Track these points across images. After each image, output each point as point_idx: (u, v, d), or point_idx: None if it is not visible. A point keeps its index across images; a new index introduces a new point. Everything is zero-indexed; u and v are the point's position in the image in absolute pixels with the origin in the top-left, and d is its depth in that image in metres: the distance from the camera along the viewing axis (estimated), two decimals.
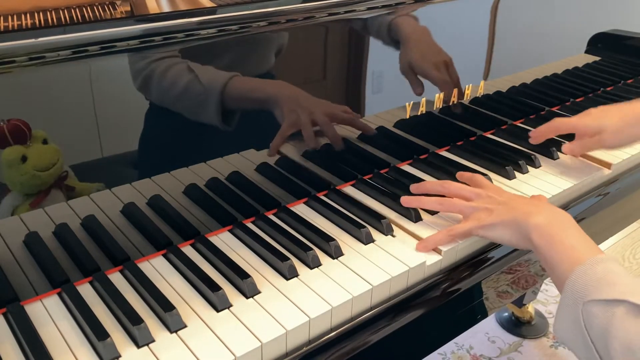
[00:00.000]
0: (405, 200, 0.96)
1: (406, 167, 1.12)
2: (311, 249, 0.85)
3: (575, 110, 1.37)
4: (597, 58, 1.46)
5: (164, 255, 0.86)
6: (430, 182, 1.01)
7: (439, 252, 0.88)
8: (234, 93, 0.86)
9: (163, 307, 0.74)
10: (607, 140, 1.07)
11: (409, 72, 1.06)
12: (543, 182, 1.08)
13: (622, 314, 0.67)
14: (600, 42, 1.43)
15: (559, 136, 1.20)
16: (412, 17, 1.02)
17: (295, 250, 0.87)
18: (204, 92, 0.84)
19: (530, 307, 1.89)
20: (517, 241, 0.86)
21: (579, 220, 1.09)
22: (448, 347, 1.80)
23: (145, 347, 0.70)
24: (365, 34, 0.98)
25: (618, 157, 1.17)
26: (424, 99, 1.10)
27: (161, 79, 0.79)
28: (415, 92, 1.08)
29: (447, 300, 0.89)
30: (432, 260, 0.87)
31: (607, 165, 1.15)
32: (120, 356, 0.69)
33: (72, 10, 0.78)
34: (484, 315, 1.04)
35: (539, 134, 1.14)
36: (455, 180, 1.01)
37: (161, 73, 0.79)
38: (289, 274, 0.82)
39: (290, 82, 0.94)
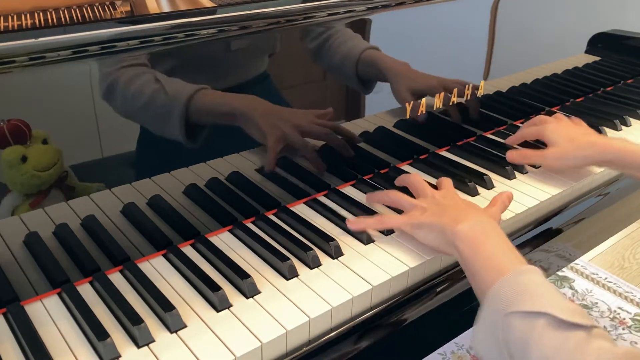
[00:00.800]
0: (368, 197, 0.99)
1: (406, 167, 1.12)
2: (311, 249, 0.85)
3: (575, 110, 1.38)
4: (597, 58, 1.46)
5: (164, 256, 0.86)
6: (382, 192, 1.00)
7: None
8: (200, 106, 0.82)
9: (163, 307, 0.74)
10: (548, 158, 1.07)
11: (410, 98, 1.07)
12: (543, 182, 1.08)
13: (541, 327, 0.65)
14: (600, 42, 1.43)
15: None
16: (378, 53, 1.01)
17: (295, 250, 0.87)
18: (168, 104, 0.81)
19: None
20: (441, 245, 0.85)
21: (579, 220, 1.09)
22: (448, 347, 1.80)
23: (146, 347, 0.70)
24: (364, 35, 0.98)
25: None
26: (423, 99, 1.10)
27: (126, 88, 0.76)
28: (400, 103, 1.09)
29: (447, 300, 0.89)
30: (431, 258, 0.87)
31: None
32: (120, 356, 0.69)
33: (72, 10, 0.78)
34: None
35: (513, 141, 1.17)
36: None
37: (126, 82, 0.76)
38: (289, 274, 0.82)
39: (290, 83, 0.94)
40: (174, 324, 0.72)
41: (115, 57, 0.75)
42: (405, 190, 0.98)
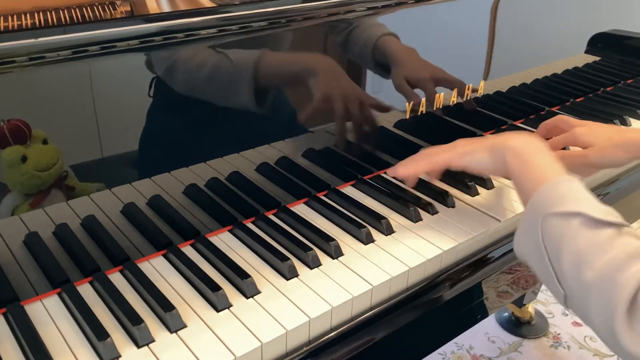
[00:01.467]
0: (391, 172, 0.98)
1: None
2: (311, 249, 0.85)
3: (575, 110, 1.38)
4: (597, 58, 1.46)
5: (164, 256, 0.86)
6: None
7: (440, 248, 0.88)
8: (268, 67, 0.86)
9: (163, 307, 0.74)
10: (590, 157, 1.05)
11: (404, 86, 1.07)
12: None
13: (577, 225, 0.71)
14: (600, 42, 1.43)
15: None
16: (394, 37, 1.02)
17: (295, 250, 0.87)
18: (235, 70, 0.84)
19: (530, 307, 1.89)
20: (494, 164, 0.88)
21: None
22: (448, 347, 1.80)
23: (145, 347, 0.70)
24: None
25: None
26: (423, 99, 1.10)
27: (187, 64, 0.79)
28: (410, 101, 1.09)
29: (447, 300, 0.89)
30: (431, 258, 0.87)
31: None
32: (120, 356, 0.69)
33: (72, 10, 0.78)
34: (484, 315, 1.04)
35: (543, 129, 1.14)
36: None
37: (187, 58, 0.80)
38: (289, 274, 0.82)
39: (289, 83, 0.94)
40: (174, 324, 0.73)
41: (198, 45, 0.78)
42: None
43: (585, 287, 0.68)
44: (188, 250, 0.87)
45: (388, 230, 0.92)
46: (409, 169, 0.95)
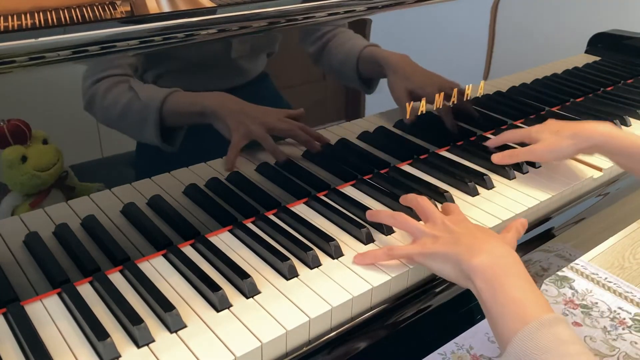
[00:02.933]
0: (369, 214, 0.93)
1: (406, 167, 1.12)
2: (311, 249, 0.85)
3: (575, 110, 1.38)
4: (597, 58, 1.46)
5: (164, 256, 0.86)
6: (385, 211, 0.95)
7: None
8: (173, 108, 0.81)
9: (163, 307, 0.74)
10: (537, 151, 1.08)
11: (405, 98, 1.07)
12: (543, 182, 1.08)
13: None
14: (600, 42, 1.43)
15: None
16: (379, 47, 1.01)
17: (295, 250, 0.87)
18: (142, 110, 0.80)
19: None
20: (457, 278, 0.80)
21: (579, 220, 1.09)
22: (448, 347, 1.80)
23: (145, 347, 0.70)
24: (364, 35, 0.98)
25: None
26: (424, 99, 1.10)
27: (103, 99, 0.76)
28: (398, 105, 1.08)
29: (447, 300, 0.89)
30: None
31: (598, 169, 1.14)
32: (120, 356, 0.69)
33: (72, 10, 0.78)
34: (484, 315, 1.04)
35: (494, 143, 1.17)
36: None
37: (104, 93, 0.76)
38: (289, 274, 0.82)
39: (289, 83, 0.94)
40: (174, 324, 0.73)
41: (101, 62, 0.75)
42: (409, 211, 0.94)
43: None
44: (188, 250, 0.87)
45: (388, 231, 0.92)
46: (366, 260, 0.85)
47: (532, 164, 1.13)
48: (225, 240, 0.90)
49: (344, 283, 0.81)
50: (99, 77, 0.75)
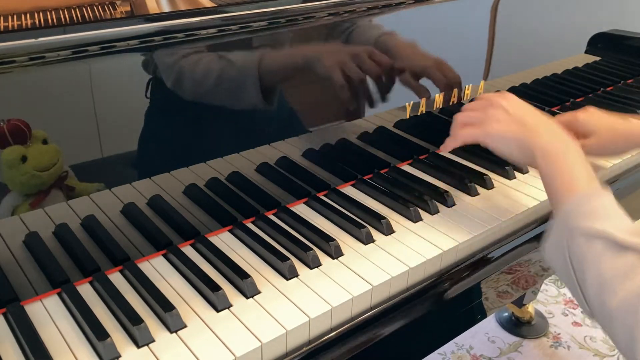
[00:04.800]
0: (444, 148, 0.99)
1: (406, 167, 1.12)
2: (311, 249, 0.85)
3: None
4: (597, 58, 1.46)
5: (164, 256, 0.86)
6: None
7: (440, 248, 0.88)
8: (270, 66, 0.87)
9: (163, 307, 0.74)
10: (590, 147, 1.03)
11: (411, 80, 1.07)
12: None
13: (601, 249, 0.71)
14: (600, 42, 1.43)
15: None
16: (392, 35, 1.02)
17: (295, 250, 0.87)
18: (240, 74, 0.85)
19: (530, 307, 1.89)
20: (520, 156, 0.88)
21: None
22: (448, 347, 1.81)
23: (145, 347, 0.70)
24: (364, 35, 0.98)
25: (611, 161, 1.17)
26: (424, 99, 1.10)
27: (193, 73, 0.81)
28: (420, 97, 1.09)
29: (447, 300, 0.89)
30: (431, 258, 0.87)
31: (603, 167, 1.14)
32: (120, 356, 0.69)
33: (72, 10, 0.78)
34: (484, 315, 1.04)
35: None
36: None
37: (191, 67, 0.80)
38: (289, 274, 0.82)
39: (290, 82, 0.94)
40: (174, 324, 0.73)
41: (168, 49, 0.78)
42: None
43: (608, 312, 0.68)
44: (188, 250, 0.87)
45: (388, 230, 0.92)
46: (446, 148, 0.96)
47: None
48: (225, 240, 0.90)
49: (344, 283, 0.81)
50: (184, 54, 0.80)
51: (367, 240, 0.90)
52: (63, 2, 0.80)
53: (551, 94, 1.39)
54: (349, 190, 1.04)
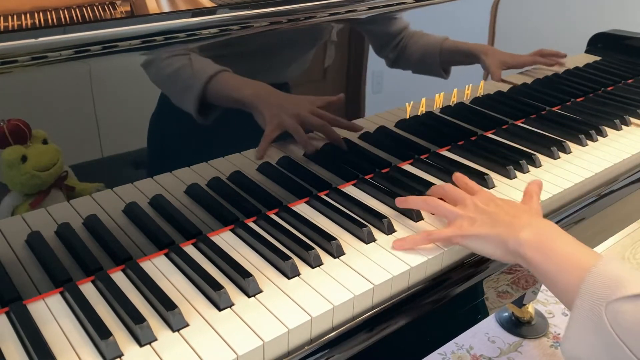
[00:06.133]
0: (398, 201, 0.96)
1: (407, 167, 1.12)
2: (313, 248, 0.85)
3: (575, 110, 1.38)
4: (597, 58, 1.46)
5: (166, 255, 0.86)
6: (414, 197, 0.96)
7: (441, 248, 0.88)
8: (216, 88, 0.84)
9: (165, 306, 0.74)
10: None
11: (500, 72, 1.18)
12: (544, 182, 1.08)
13: None
14: (600, 42, 1.43)
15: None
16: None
17: (296, 249, 0.87)
18: (190, 79, 0.83)
19: (530, 307, 1.89)
20: (502, 256, 0.83)
21: (579, 220, 1.09)
22: (448, 347, 1.80)
23: (148, 346, 0.70)
24: (365, 34, 0.98)
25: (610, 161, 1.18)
26: (424, 99, 1.10)
27: (162, 61, 0.80)
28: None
29: (447, 300, 0.89)
30: (433, 258, 0.87)
31: None
32: (122, 355, 0.69)
33: (72, 10, 0.78)
34: (484, 315, 1.04)
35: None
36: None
37: (166, 56, 0.80)
38: (291, 273, 0.82)
39: (289, 82, 0.94)
40: (176, 323, 0.73)
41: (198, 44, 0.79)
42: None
43: None
44: (190, 249, 0.87)
45: (389, 230, 0.92)
46: (406, 246, 0.88)
47: (532, 165, 1.13)
48: (227, 240, 0.90)
49: (345, 282, 0.81)
50: (185, 53, 0.80)
51: (369, 239, 0.90)
52: (63, 2, 0.80)
53: (552, 93, 1.39)
54: (350, 189, 1.04)
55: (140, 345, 0.70)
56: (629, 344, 0.67)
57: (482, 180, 1.06)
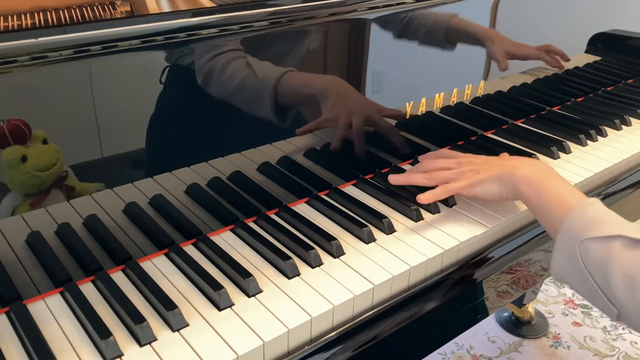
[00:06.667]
0: (393, 179, 1.01)
1: (407, 167, 1.12)
2: (313, 248, 0.85)
3: (576, 110, 1.38)
4: (597, 58, 1.46)
5: (166, 255, 0.86)
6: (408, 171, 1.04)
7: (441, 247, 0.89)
8: (287, 88, 0.89)
9: (165, 306, 0.74)
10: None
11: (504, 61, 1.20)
12: None
13: (619, 247, 0.74)
14: (600, 42, 1.43)
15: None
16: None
17: (296, 249, 0.87)
18: (259, 87, 0.87)
19: (530, 307, 1.89)
20: (505, 193, 0.92)
21: None
22: (448, 347, 1.80)
23: (148, 346, 0.70)
24: (366, 34, 0.98)
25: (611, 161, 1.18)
26: (423, 99, 1.10)
27: (221, 74, 0.82)
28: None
29: (447, 300, 0.89)
30: (433, 257, 0.87)
31: None
32: (122, 355, 0.69)
33: (72, 10, 0.78)
34: (484, 315, 1.04)
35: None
36: None
37: (221, 68, 0.82)
38: (291, 272, 0.82)
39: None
40: (176, 323, 0.73)
41: (199, 44, 0.80)
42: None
43: None
44: (190, 249, 0.87)
45: (389, 230, 0.92)
46: (429, 198, 0.96)
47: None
48: (227, 240, 0.90)
49: (345, 282, 0.81)
50: (217, 53, 0.81)
51: (369, 239, 0.90)
52: (63, 2, 0.80)
53: (552, 93, 1.39)
54: (350, 189, 1.04)
55: (140, 345, 0.70)
56: (594, 277, 0.77)
57: None
